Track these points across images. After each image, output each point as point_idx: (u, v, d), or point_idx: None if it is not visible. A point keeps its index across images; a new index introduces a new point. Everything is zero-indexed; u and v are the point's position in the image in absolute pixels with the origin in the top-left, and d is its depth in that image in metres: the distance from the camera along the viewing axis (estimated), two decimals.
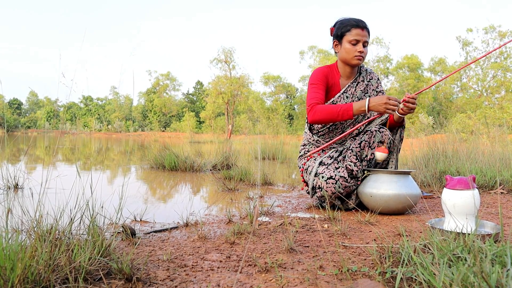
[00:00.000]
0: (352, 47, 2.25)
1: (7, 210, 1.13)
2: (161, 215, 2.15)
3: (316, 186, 2.26)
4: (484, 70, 31.01)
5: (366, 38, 2.26)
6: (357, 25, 2.23)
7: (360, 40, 2.24)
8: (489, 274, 0.84)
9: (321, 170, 2.25)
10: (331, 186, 2.18)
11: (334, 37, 2.34)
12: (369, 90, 2.40)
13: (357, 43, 2.25)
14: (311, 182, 2.30)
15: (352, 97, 2.36)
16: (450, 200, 1.51)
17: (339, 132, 2.40)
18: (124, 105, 57.97)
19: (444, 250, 1.08)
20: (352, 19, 2.27)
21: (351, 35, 2.24)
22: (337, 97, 2.35)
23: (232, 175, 3.71)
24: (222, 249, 1.44)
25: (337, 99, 2.35)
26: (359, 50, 2.24)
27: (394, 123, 2.32)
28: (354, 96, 2.36)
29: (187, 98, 56.08)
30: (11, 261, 0.94)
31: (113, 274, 1.10)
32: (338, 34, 2.30)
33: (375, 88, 2.41)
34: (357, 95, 2.37)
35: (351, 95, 2.36)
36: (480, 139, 5.24)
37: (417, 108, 31.01)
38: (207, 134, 22.23)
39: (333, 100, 2.35)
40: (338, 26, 2.30)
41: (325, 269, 1.19)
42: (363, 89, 2.38)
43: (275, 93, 44.54)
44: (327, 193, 2.20)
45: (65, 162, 5.63)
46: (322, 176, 2.21)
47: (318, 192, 2.25)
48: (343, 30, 2.26)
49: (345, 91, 2.36)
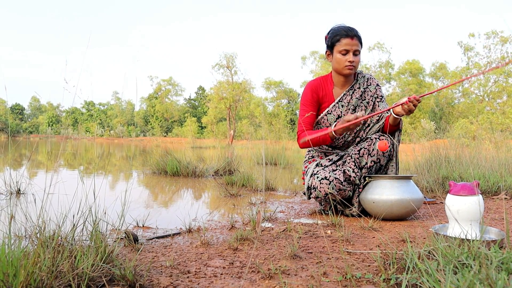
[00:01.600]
0: (343, 57, 2.23)
1: (10, 216, 1.13)
2: (164, 220, 2.14)
3: (311, 187, 2.27)
4: (486, 75, 30.99)
5: (357, 47, 2.22)
6: (346, 34, 2.20)
7: (350, 49, 2.21)
8: (496, 281, 0.83)
9: (317, 171, 2.27)
10: (325, 186, 2.18)
11: (327, 47, 2.33)
12: (367, 96, 2.38)
13: (347, 53, 2.22)
14: (307, 182, 2.33)
15: (348, 105, 2.34)
16: (454, 206, 1.50)
17: (341, 136, 2.39)
18: (126, 110, 58.10)
19: (449, 257, 1.08)
20: (342, 28, 2.23)
21: (340, 45, 2.21)
22: (331, 107, 2.34)
23: (234, 181, 3.70)
24: (225, 255, 1.44)
25: (332, 109, 2.34)
26: (349, 60, 2.21)
27: (390, 127, 2.31)
28: (350, 104, 2.34)
29: (189, 104, 56.18)
30: (14, 268, 0.93)
31: (116, 281, 1.09)
32: (329, 45, 2.29)
33: (373, 94, 2.38)
34: (353, 103, 2.35)
35: (347, 103, 2.34)
36: (482, 144, 5.22)
37: (419, 113, 31.01)
38: (209, 140, 22.24)
39: (328, 110, 2.34)
40: (330, 36, 2.28)
41: (329, 276, 1.18)
42: (359, 96, 2.35)
43: (277, 99, 44.57)
44: (321, 193, 2.20)
45: (67, 168, 5.63)
46: (317, 177, 2.22)
47: (313, 193, 2.25)
48: (333, 40, 2.24)
49: (340, 100, 2.35)
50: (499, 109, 28.12)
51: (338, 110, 2.35)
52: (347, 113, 2.33)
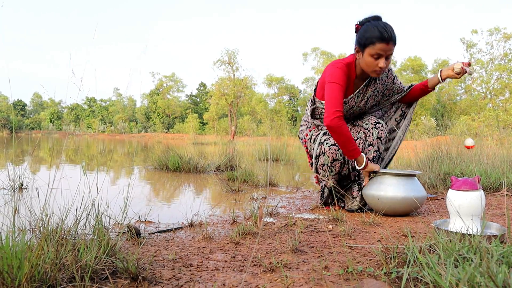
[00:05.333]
0: (374, 61, 2.07)
1: (14, 209, 1.14)
2: (166, 215, 2.15)
3: (319, 153, 2.29)
4: (488, 72, 30.90)
5: (391, 52, 2.06)
6: (382, 38, 2.00)
7: (383, 54, 2.05)
8: (496, 274, 0.84)
9: (326, 138, 2.29)
10: (334, 152, 2.22)
11: (357, 43, 2.14)
12: (379, 86, 2.32)
13: (380, 57, 2.06)
14: (315, 150, 2.33)
15: (363, 96, 2.31)
16: (456, 201, 1.50)
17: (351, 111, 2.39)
18: (127, 106, 58.13)
19: (450, 251, 1.08)
20: (378, 29, 2.02)
21: (374, 49, 2.03)
22: (349, 98, 2.29)
23: (236, 176, 3.71)
24: (227, 249, 1.44)
25: (349, 100, 2.30)
26: (380, 65, 2.06)
27: (424, 90, 2.35)
28: (364, 96, 2.31)
29: (190, 100, 56.16)
30: (18, 260, 0.94)
31: (119, 273, 1.10)
32: (361, 43, 2.10)
33: (384, 82, 2.34)
34: (368, 95, 2.31)
35: (362, 94, 2.31)
36: (484, 141, 5.21)
37: (420, 109, 30.94)
38: (211, 136, 22.26)
39: (345, 101, 2.30)
40: (362, 34, 2.09)
41: (331, 269, 1.19)
42: (374, 89, 2.31)
43: (278, 95, 44.55)
44: (328, 159, 2.23)
45: (69, 163, 5.65)
46: (326, 143, 2.25)
47: (321, 159, 2.27)
48: (367, 42, 2.06)
49: (358, 92, 2.29)
50: (502, 106, 28.03)
51: (353, 101, 2.31)
52: (360, 103, 2.32)
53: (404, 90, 2.41)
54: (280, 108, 42.64)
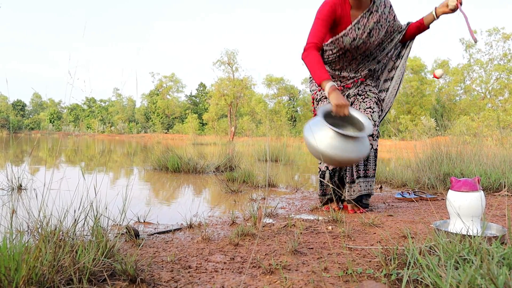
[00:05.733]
0: None
1: (12, 211, 1.13)
2: (165, 216, 2.15)
3: None
4: (488, 72, 30.91)
5: None
6: None
7: None
8: (497, 276, 0.83)
9: None
10: None
11: None
12: (381, 19, 2.30)
13: None
14: None
15: (364, 28, 2.26)
16: (456, 202, 1.50)
17: (348, 60, 2.36)
18: (127, 106, 58.07)
19: (450, 252, 1.07)
20: None
21: None
22: (348, 29, 2.25)
23: (235, 177, 3.70)
24: (226, 250, 1.44)
25: (348, 31, 2.25)
26: None
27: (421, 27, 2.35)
28: (366, 27, 2.26)
29: (190, 100, 56.12)
30: (16, 262, 0.93)
31: (117, 275, 1.09)
32: None
33: (387, 17, 2.32)
34: (370, 26, 2.26)
35: (363, 26, 2.26)
36: (484, 141, 5.21)
37: (420, 110, 30.93)
38: (210, 136, 22.22)
39: (345, 33, 2.26)
40: None
41: (330, 271, 1.18)
42: (376, 20, 2.27)
43: (278, 95, 44.53)
44: None
45: (69, 164, 5.64)
46: None
47: None
48: None
49: (357, 22, 2.25)
50: (501, 106, 28.04)
51: (354, 32, 2.26)
52: (362, 36, 2.26)
53: (403, 28, 2.40)
54: (279, 108, 42.61)
